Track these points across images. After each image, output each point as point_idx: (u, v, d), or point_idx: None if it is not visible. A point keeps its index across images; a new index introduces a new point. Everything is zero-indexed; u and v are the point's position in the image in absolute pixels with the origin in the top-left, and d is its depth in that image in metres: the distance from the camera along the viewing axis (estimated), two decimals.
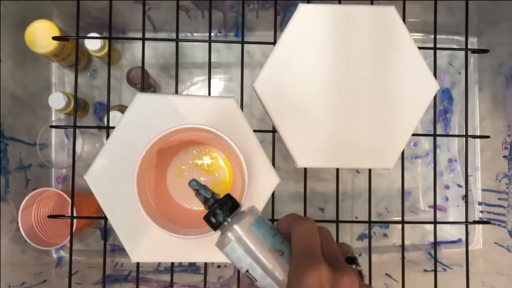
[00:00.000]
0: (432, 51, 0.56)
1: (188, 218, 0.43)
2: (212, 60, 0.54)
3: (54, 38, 0.57)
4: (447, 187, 0.74)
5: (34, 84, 0.66)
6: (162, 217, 0.40)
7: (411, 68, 0.48)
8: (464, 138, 0.57)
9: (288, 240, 0.30)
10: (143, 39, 0.53)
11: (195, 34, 0.73)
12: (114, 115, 0.62)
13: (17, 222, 0.60)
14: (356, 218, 0.73)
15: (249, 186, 0.45)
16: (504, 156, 0.67)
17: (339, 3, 0.53)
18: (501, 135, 0.67)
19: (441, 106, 0.74)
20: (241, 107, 0.49)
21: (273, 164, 0.48)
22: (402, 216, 0.54)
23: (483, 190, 0.73)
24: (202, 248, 0.45)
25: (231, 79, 0.73)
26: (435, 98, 0.51)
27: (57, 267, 0.68)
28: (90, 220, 0.65)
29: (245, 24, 0.68)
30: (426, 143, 0.74)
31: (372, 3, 0.53)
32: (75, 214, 0.54)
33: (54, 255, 0.69)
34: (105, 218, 0.49)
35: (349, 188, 0.73)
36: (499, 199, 0.68)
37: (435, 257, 0.55)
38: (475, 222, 0.59)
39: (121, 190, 0.42)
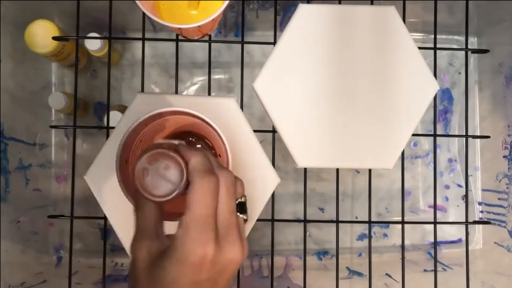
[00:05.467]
0: (432, 51, 0.56)
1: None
2: (212, 60, 0.54)
3: (54, 38, 0.57)
4: (447, 187, 0.74)
5: (34, 84, 0.66)
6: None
7: (411, 68, 0.48)
8: (464, 138, 0.57)
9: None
10: (143, 39, 0.53)
11: None
12: (114, 115, 0.62)
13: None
14: (356, 218, 0.73)
15: (248, 186, 0.45)
16: (504, 156, 0.67)
17: (339, 3, 0.53)
18: (501, 135, 0.67)
19: (441, 106, 0.74)
20: (241, 107, 0.49)
21: (273, 164, 0.48)
22: (402, 216, 0.54)
23: (483, 190, 0.73)
24: None
25: (231, 79, 0.73)
26: (435, 98, 0.51)
27: (57, 267, 0.68)
28: None
29: (245, 24, 0.68)
30: (426, 143, 0.74)
31: (372, 3, 0.53)
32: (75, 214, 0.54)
33: (54, 255, 0.69)
34: (105, 218, 0.49)
35: (349, 188, 0.73)
36: (499, 199, 0.68)
37: (435, 257, 0.55)
38: (475, 222, 0.59)
39: (120, 190, 0.42)
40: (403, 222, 0.54)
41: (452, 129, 0.74)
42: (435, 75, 0.50)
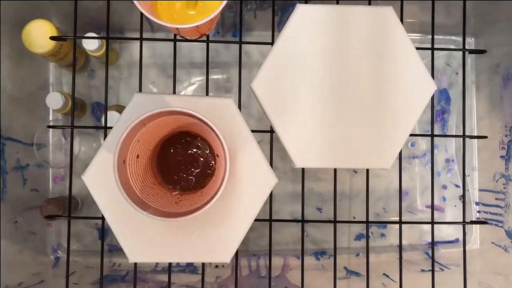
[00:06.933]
0: (429, 52, 0.56)
1: (171, 204, 0.43)
2: (210, 60, 0.54)
3: (52, 38, 0.56)
4: (444, 187, 0.74)
5: (31, 84, 0.66)
6: (144, 203, 0.40)
7: (408, 69, 0.48)
8: (462, 138, 0.57)
9: None
10: (141, 39, 0.53)
11: None
12: (112, 115, 0.62)
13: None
14: (354, 218, 0.73)
15: (246, 186, 0.45)
16: (501, 156, 0.67)
17: (337, 3, 0.53)
18: (498, 135, 0.67)
19: (439, 106, 0.74)
20: (239, 107, 0.49)
21: (271, 164, 0.48)
22: (400, 216, 0.54)
23: (480, 190, 0.73)
24: (200, 248, 0.45)
25: (229, 79, 0.73)
26: (432, 98, 0.51)
27: (55, 267, 0.68)
28: None
29: (243, 24, 0.68)
30: (423, 143, 0.74)
31: (369, 4, 0.53)
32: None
33: (52, 255, 0.68)
34: (103, 218, 0.49)
35: (346, 188, 0.73)
36: (496, 199, 0.68)
37: (432, 257, 0.55)
38: (472, 222, 0.59)
39: (118, 190, 0.42)
40: (400, 222, 0.54)
41: (450, 129, 0.74)
42: (432, 75, 0.50)
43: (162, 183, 0.46)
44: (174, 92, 0.54)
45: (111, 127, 0.46)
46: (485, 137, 0.59)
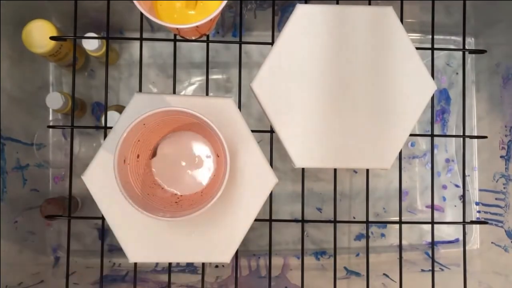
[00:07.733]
0: (429, 52, 0.56)
1: (172, 204, 0.43)
2: (210, 60, 0.54)
3: (52, 38, 0.56)
4: (444, 187, 0.74)
5: (31, 84, 0.66)
6: (145, 202, 0.40)
7: (408, 68, 0.48)
8: (462, 138, 0.57)
9: None
10: (141, 39, 0.53)
11: None
12: (112, 115, 0.62)
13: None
14: (354, 218, 0.73)
15: (246, 186, 0.45)
16: (501, 156, 0.67)
17: (337, 3, 0.53)
18: (498, 135, 0.67)
19: (439, 106, 0.74)
20: (239, 107, 0.49)
21: (271, 164, 0.48)
22: (400, 216, 0.54)
23: (480, 190, 0.73)
24: (200, 248, 0.45)
25: (229, 79, 0.73)
26: (432, 98, 0.51)
27: (55, 268, 0.68)
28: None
29: (243, 24, 0.68)
30: (423, 143, 0.74)
31: (369, 4, 0.53)
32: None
33: (52, 256, 0.68)
34: (103, 218, 0.49)
35: (346, 188, 0.73)
36: (496, 199, 0.68)
37: (432, 257, 0.55)
38: (472, 222, 0.59)
39: (118, 190, 0.42)
40: (400, 222, 0.54)
41: (450, 129, 0.74)
42: (432, 75, 0.50)
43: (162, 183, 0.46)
44: (174, 92, 0.54)
45: (111, 127, 0.46)
46: (485, 137, 0.59)
